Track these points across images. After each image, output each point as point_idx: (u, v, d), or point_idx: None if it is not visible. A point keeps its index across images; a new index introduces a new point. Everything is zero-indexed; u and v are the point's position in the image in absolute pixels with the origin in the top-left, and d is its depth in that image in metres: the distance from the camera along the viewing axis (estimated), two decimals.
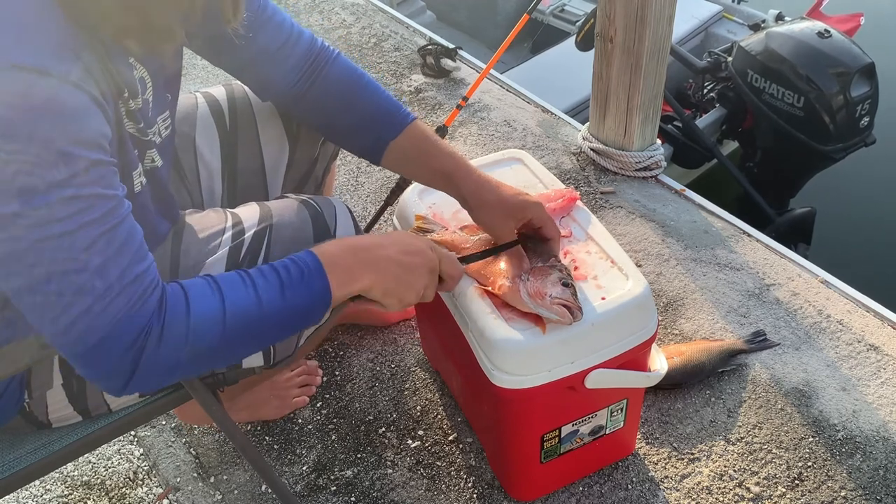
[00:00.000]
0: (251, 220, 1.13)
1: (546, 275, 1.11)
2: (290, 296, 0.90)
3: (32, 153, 0.72)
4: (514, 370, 1.12)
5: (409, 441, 1.54)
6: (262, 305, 0.89)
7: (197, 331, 0.85)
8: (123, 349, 0.81)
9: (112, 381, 0.84)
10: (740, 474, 1.44)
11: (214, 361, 0.90)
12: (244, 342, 0.91)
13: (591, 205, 2.08)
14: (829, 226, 3.11)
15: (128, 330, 0.80)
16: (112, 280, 0.79)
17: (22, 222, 0.73)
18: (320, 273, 0.93)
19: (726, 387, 1.59)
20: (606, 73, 2.04)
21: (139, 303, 0.81)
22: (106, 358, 0.81)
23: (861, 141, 2.81)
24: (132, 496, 1.50)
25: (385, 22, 3.05)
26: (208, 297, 0.87)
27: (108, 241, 0.78)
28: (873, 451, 1.46)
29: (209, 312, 0.86)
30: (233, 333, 0.87)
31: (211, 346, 0.86)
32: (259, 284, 0.89)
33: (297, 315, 0.93)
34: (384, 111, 1.19)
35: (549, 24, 4.07)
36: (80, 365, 0.83)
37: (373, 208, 2.13)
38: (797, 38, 2.74)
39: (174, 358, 0.84)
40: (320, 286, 0.92)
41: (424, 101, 2.56)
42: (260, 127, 1.28)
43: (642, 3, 1.83)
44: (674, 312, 1.76)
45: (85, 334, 0.79)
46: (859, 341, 1.67)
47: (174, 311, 0.84)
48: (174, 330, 0.83)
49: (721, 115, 3.15)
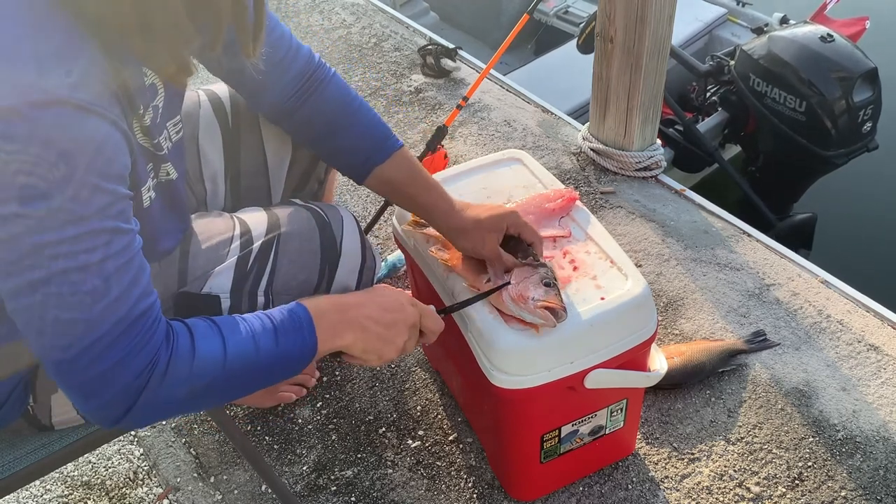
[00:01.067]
0: (259, 228, 1.13)
1: (528, 276, 1.11)
2: (282, 343, 0.92)
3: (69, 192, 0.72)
4: (514, 370, 1.12)
5: (409, 441, 1.54)
6: (258, 351, 0.90)
7: (199, 370, 0.85)
8: (128, 381, 0.81)
9: (107, 412, 0.83)
10: (740, 474, 1.44)
11: (207, 402, 0.91)
12: (237, 385, 0.92)
13: (591, 205, 2.08)
14: (830, 226, 3.10)
15: (135, 362, 0.81)
16: (122, 313, 0.79)
17: (48, 252, 0.74)
18: (310, 326, 0.95)
19: (726, 387, 1.59)
20: (606, 73, 2.04)
21: (147, 336, 0.81)
22: (108, 389, 0.81)
23: (863, 146, 2.79)
24: (132, 496, 1.50)
25: (385, 22, 3.05)
26: (211, 339, 0.88)
27: (122, 275, 0.79)
28: (873, 451, 1.46)
29: (212, 353, 0.87)
30: (230, 375, 0.88)
31: (208, 386, 0.87)
32: (256, 330, 0.91)
33: (286, 363, 0.94)
34: (374, 136, 1.20)
35: (553, 26, 4.05)
36: (78, 394, 0.82)
37: (373, 208, 2.13)
38: (799, 42, 2.72)
39: (173, 395, 0.84)
40: (310, 339, 0.94)
41: (424, 101, 2.56)
42: (263, 126, 1.28)
43: (642, 3, 1.83)
44: (674, 312, 1.76)
45: (92, 364, 0.79)
46: (859, 341, 1.67)
47: (180, 348, 0.85)
48: (179, 367, 0.84)
49: (723, 118, 3.13)
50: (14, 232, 0.72)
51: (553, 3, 4.07)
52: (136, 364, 0.81)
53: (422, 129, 2.43)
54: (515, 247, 1.17)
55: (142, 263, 0.82)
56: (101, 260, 0.76)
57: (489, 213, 1.17)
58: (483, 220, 1.16)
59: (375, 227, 2.01)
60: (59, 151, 0.71)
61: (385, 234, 2.03)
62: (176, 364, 0.84)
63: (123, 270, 0.79)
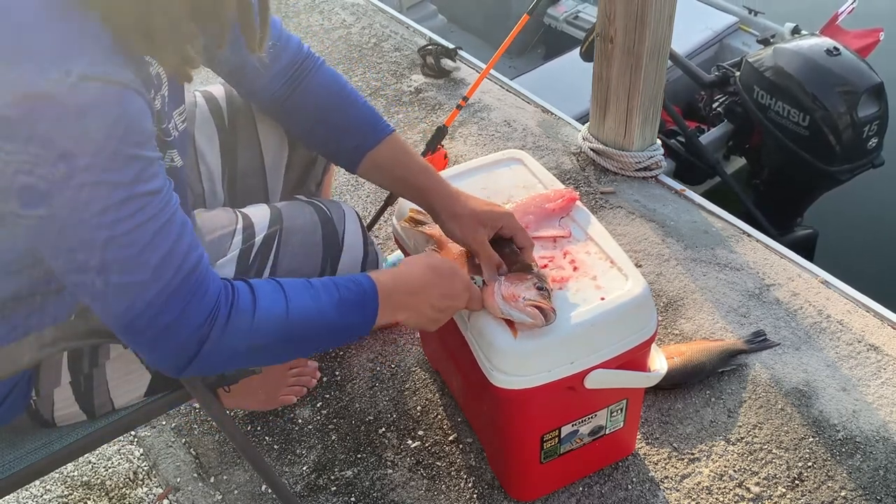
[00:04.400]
0: (262, 222, 1.14)
1: (521, 280, 1.12)
2: (344, 313, 0.96)
3: (103, 159, 0.76)
4: (514, 370, 1.12)
5: (409, 441, 1.54)
6: (321, 315, 0.94)
7: (260, 326, 0.90)
8: (189, 333, 0.86)
9: (173, 363, 0.88)
10: (740, 474, 1.44)
11: (267, 357, 0.96)
12: (296, 345, 0.96)
13: (591, 205, 2.08)
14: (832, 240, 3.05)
15: (195, 315, 0.85)
16: (175, 267, 0.83)
17: (93, 221, 0.77)
18: (374, 303, 0.99)
19: (726, 387, 1.59)
20: (606, 74, 2.04)
21: (203, 287, 0.86)
22: (172, 341, 0.86)
23: (868, 162, 2.73)
24: (132, 496, 1.50)
25: (385, 22, 3.05)
26: (274, 297, 0.92)
27: (168, 231, 0.82)
28: (873, 452, 1.46)
29: (274, 311, 0.91)
30: (290, 335, 0.93)
31: (269, 343, 0.91)
32: (321, 298, 0.95)
33: (343, 332, 0.99)
34: (364, 122, 1.21)
35: (563, 31, 4.02)
36: (142, 348, 0.88)
37: (373, 208, 2.13)
38: (805, 55, 2.67)
39: (234, 347, 0.89)
40: (371, 313, 0.99)
41: (424, 101, 2.56)
42: (259, 126, 1.28)
43: (642, 3, 1.83)
44: (674, 312, 1.76)
45: (154, 320, 0.83)
46: (859, 341, 1.67)
47: (241, 303, 0.89)
48: (239, 321, 0.88)
49: (727, 130, 3.09)
50: (57, 207, 0.76)
51: (564, 8, 4.05)
52: (196, 315, 0.85)
53: (422, 129, 2.43)
54: (504, 249, 1.17)
55: (183, 219, 0.86)
56: (146, 220, 0.80)
57: (487, 208, 1.17)
58: (479, 212, 1.16)
59: (375, 227, 2.01)
60: (94, 125, 0.74)
61: (385, 234, 2.03)
62: (237, 318, 0.88)
63: (168, 227, 0.82)
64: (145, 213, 0.80)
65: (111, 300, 0.82)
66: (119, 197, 0.77)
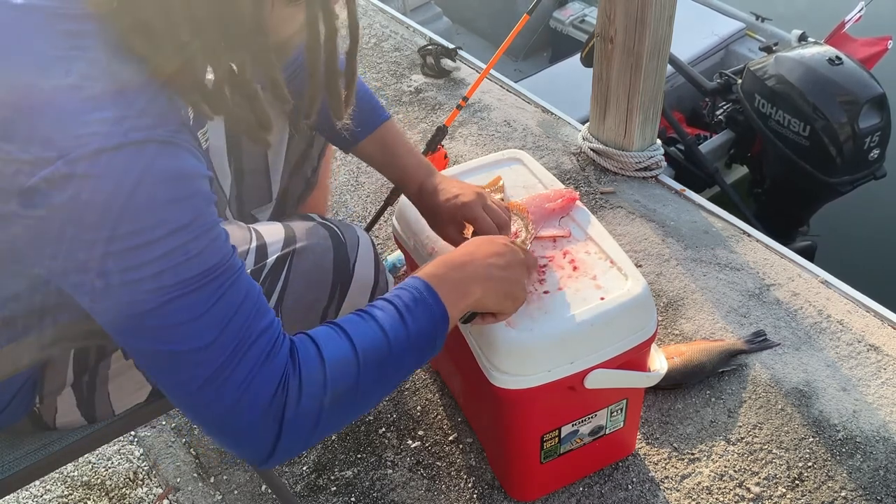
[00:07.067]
0: (275, 244, 1.12)
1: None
2: (410, 321, 0.88)
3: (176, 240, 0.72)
4: (514, 370, 1.12)
5: (409, 441, 1.54)
6: (388, 336, 0.86)
7: (334, 374, 0.82)
8: (262, 409, 0.78)
9: (256, 446, 0.80)
10: (740, 474, 1.44)
11: (356, 406, 0.87)
12: (380, 378, 0.87)
13: (591, 205, 2.08)
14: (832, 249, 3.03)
15: (263, 387, 0.78)
16: (239, 337, 0.77)
17: (146, 286, 0.72)
18: (432, 294, 0.90)
19: (726, 387, 1.59)
20: (606, 74, 2.04)
21: (268, 358, 0.78)
22: (244, 422, 0.78)
23: (870, 174, 2.69)
24: (132, 496, 1.50)
25: (385, 22, 3.05)
26: (336, 339, 0.84)
27: (227, 303, 0.76)
28: (873, 452, 1.46)
29: (341, 353, 0.83)
30: (368, 370, 0.85)
31: (349, 388, 0.84)
32: (378, 316, 0.87)
33: (423, 340, 0.90)
34: (361, 108, 1.20)
35: (569, 35, 4.00)
36: (217, 434, 0.80)
37: (373, 208, 2.13)
38: (806, 64, 2.63)
39: (316, 408, 0.81)
40: (437, 306, 0.90)
41: (424, 101, 2.56)
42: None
43: (642, 3, 1.83)
44: (674, 312, 1.76)
45: (213, 402, 0.77)
46: (859, 341, 1.66)
47: (307, 358, 0.82)
48: (312, 378, 0.80)
49: (728, 138, 3.06)
50: (118, 278, 0.72)
51: (570, 11, 4.04)
52: (265, 388, 0.77)
53: (422, 130, 2.43)
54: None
55: (249, 284, 0.79)
56: (196, 289, 0.74)
57: (450, 202, 1.17)
58: (443, 208, 1.17)
59: (375, 227, 2.01)
60: (164, 198, 0.71)
61: (385, 234, 2.03)
62: (308, 376, 0.80)
63: (231, 294, 0.77)
64: (204, 278, 0.75)
65: (169, 374, 0.77)
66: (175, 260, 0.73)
